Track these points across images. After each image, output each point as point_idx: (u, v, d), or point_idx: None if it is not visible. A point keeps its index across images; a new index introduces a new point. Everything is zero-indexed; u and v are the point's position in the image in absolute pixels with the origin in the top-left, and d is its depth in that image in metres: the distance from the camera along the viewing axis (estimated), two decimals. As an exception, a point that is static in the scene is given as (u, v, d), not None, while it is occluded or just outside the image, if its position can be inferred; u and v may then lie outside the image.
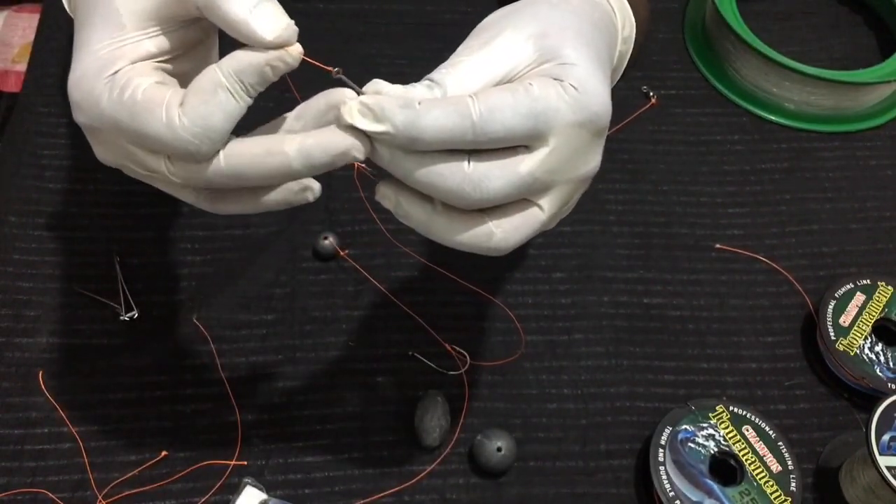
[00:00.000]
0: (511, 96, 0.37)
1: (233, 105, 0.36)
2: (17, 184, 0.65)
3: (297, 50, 0.37)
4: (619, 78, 0.50)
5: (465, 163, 0.37)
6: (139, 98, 0.37)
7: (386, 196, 0.39)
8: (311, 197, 0.39)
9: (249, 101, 0.37)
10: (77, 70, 0.38)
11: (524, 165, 0.37)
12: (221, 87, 0.36)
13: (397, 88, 0.38)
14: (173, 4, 0.38)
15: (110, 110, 0.37)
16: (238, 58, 0.36)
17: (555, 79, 0.38)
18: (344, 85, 0.38)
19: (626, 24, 0.48)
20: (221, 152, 0.37)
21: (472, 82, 0.38)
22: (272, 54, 0.36)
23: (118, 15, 0.38)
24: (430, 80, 0.38)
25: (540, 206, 0.39)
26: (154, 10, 0.38)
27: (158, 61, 0.39)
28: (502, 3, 0.44)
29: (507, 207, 0.39)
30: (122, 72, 0.38)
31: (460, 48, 0.40)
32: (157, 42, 0.39)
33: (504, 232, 0.39)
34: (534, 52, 0.39)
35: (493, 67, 0.39)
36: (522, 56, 0.39)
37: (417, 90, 0.38)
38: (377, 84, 0.38)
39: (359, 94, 0.38)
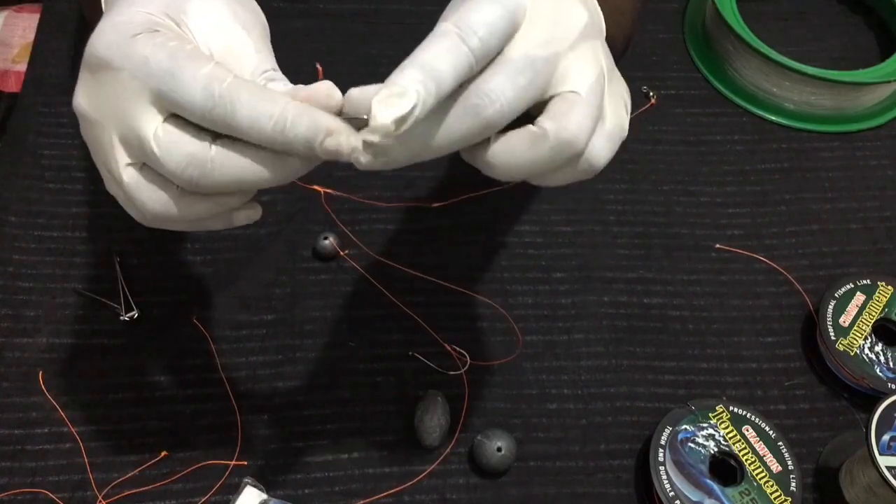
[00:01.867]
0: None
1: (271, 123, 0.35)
2: (17, 184, 0.65)
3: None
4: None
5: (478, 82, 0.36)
6: (188, 49, 0.35)
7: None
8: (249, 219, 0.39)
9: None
10: (109, 19, 0.36)
11: (513, 49, 0.36)
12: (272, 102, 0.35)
13: (376, 86, 0.37)
14: None
15: (145, 48, 0.35)
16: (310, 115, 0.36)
17: None
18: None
19: None
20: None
21: None
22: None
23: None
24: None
25: (575, 91, 0.37)
26: None
27: None
28: None
29: (552, 103, 0.37)
30: (167, 28, 0.36)
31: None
32: None
33: (573, 124, 0.36)
34: None
35: None
36: None
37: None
38: (356, 90, 0.38)
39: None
